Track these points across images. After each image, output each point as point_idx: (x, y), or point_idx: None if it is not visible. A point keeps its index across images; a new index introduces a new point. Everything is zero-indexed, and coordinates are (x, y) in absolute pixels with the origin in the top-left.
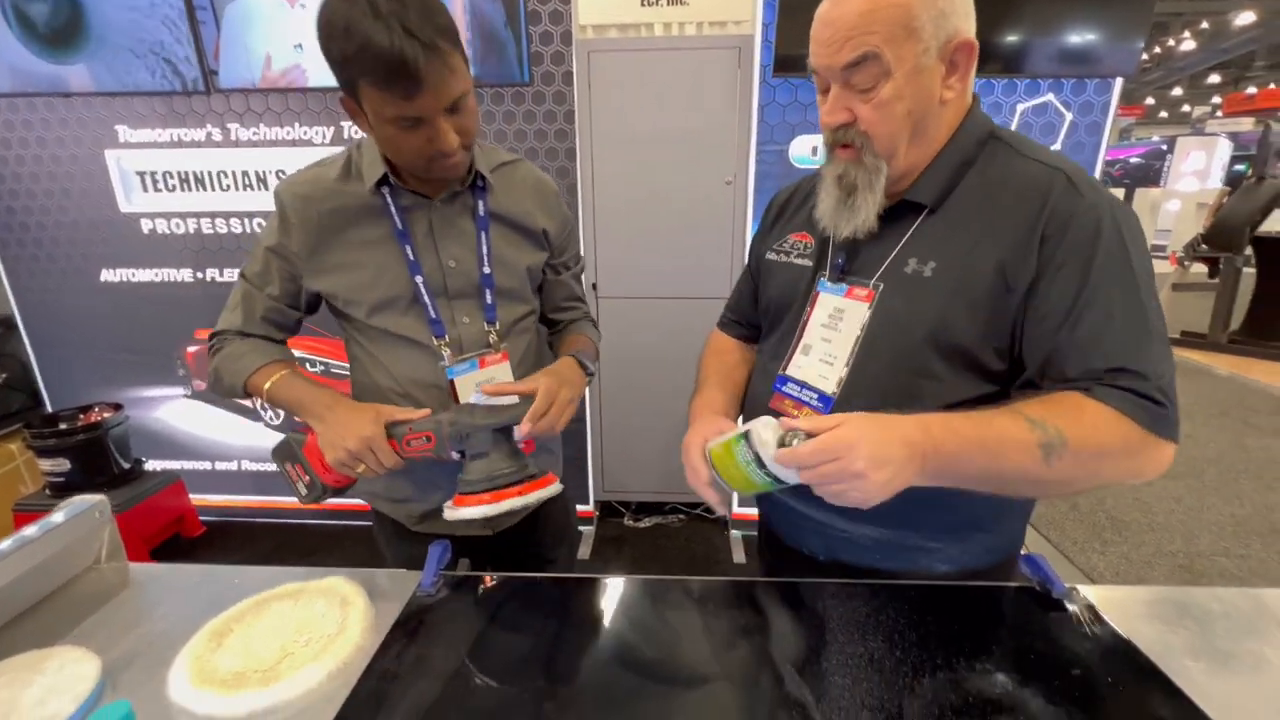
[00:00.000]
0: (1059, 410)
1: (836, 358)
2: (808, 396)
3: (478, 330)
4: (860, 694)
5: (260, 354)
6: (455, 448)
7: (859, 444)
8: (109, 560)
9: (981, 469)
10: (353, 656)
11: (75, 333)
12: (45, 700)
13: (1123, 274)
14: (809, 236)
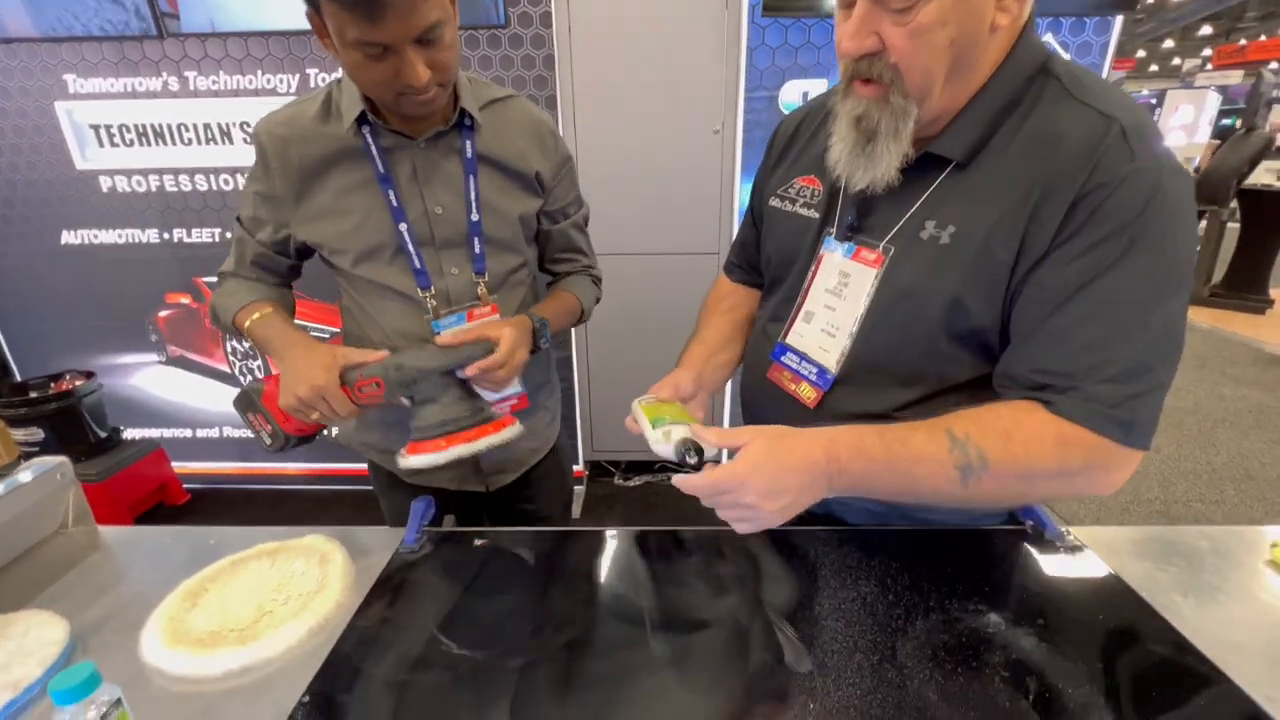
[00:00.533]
0: (991, 427)
1: (839, 329)
2: (807, 371)
3: (467, 282)
4: (854, 636)
5: (249, 293)
6: (404, 393)
7: (750, 479)
8: (76, 524)
9: (893, 488)
10: (334, 614)
11: (40, 299)
12: (9, 665)
13: (1153, 265)
14: (817, 182)
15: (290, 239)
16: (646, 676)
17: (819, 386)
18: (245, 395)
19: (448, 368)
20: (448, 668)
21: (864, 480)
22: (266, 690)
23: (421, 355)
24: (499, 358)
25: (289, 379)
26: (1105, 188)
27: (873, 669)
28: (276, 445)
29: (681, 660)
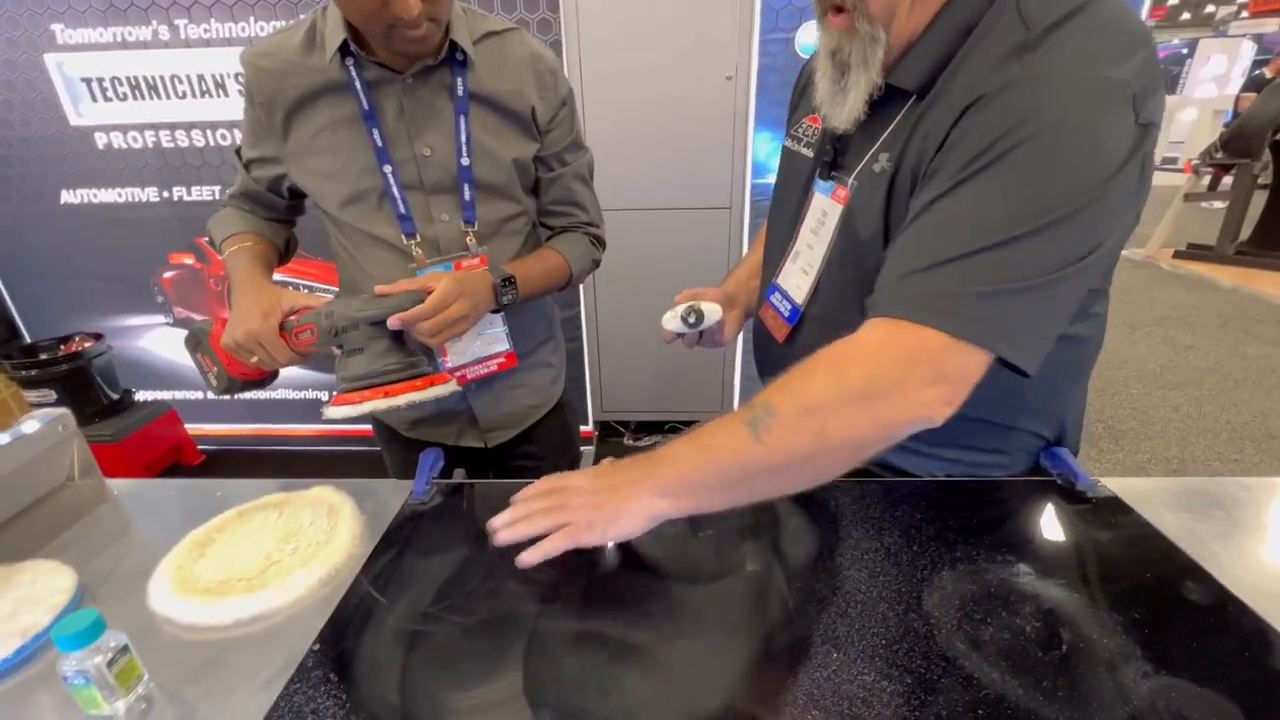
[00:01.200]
0: (780, 384)
1: (811, 266)
2: (784, 308)
3: (457, 229)
4: (877, 587)
5: (240, 222)
6: (334, 342)
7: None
8: (83, 476)
9: (697, 469)
10: (343, 564)
11: (44, 260)
12: (16, 613)
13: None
14: (819, 120)
15: (282, 179)
16: (664, 624)
17: (788, 321)
18: (193, 334)
19: (375, 318)
20: (459, 618)
21: (672, 462)
22: (277, 638)
23: (352, 304)
24: (421, 309)
25: (231, 321)
26: (981, 101)
27: (898, 619)
28: (221, 387)
29: (700, 609)
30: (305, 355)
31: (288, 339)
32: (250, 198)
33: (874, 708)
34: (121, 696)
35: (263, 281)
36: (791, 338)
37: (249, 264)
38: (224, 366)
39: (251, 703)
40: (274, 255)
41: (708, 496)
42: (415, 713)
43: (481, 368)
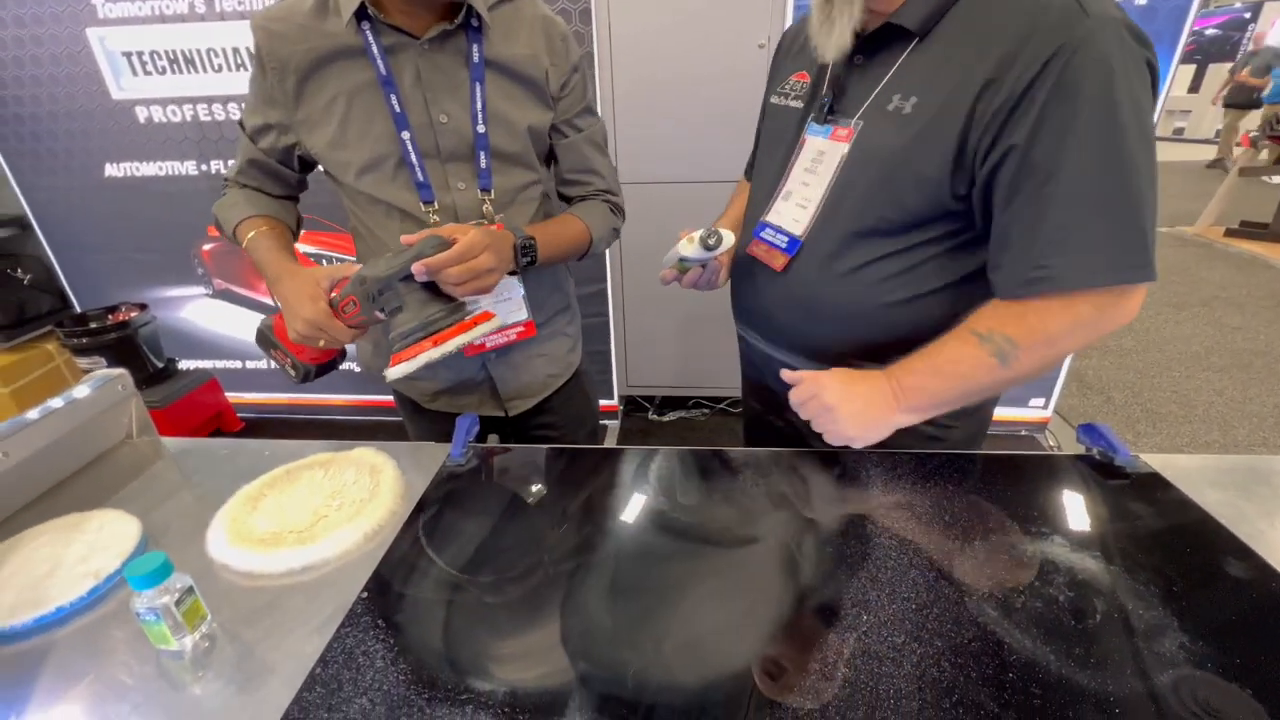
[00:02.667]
0: (1005, 315)
1: (810, 201)
2: (779, 240)
3: (474, 198)
4: (909, 554)
5: (248, 205)
6: (376, 308)
7: (826, 379)
8: (141, 434)
9: (946, 390)
10: (386, 520)
11: (90, 233)
12: (88, 557)
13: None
14: (806, 75)
15: (293, 148)
16: (695, 583)
17: (785, 252)
18: (261, 334)
19: (402, 271)
20: (498, 572)
21: (921, 392)
22: (327, 587)
23: (378, 265)
24: (448, 255)
25: (287, 314)
26: (1050, 49)
27: (929, 585)
28: (300, 376)
29: (730, 570)
30: (363, 328)
31: (339, 316)
32: (258, 169)
33: (903, 667)
34: (188, 633)
35: (295, 268)
36: (789, 266)
37: (273, 251)
38: (296, 356)
39: (306, 644)
40: (290, 236)
41: (946, 409)
42: (459, 657)
43: (500, 337)
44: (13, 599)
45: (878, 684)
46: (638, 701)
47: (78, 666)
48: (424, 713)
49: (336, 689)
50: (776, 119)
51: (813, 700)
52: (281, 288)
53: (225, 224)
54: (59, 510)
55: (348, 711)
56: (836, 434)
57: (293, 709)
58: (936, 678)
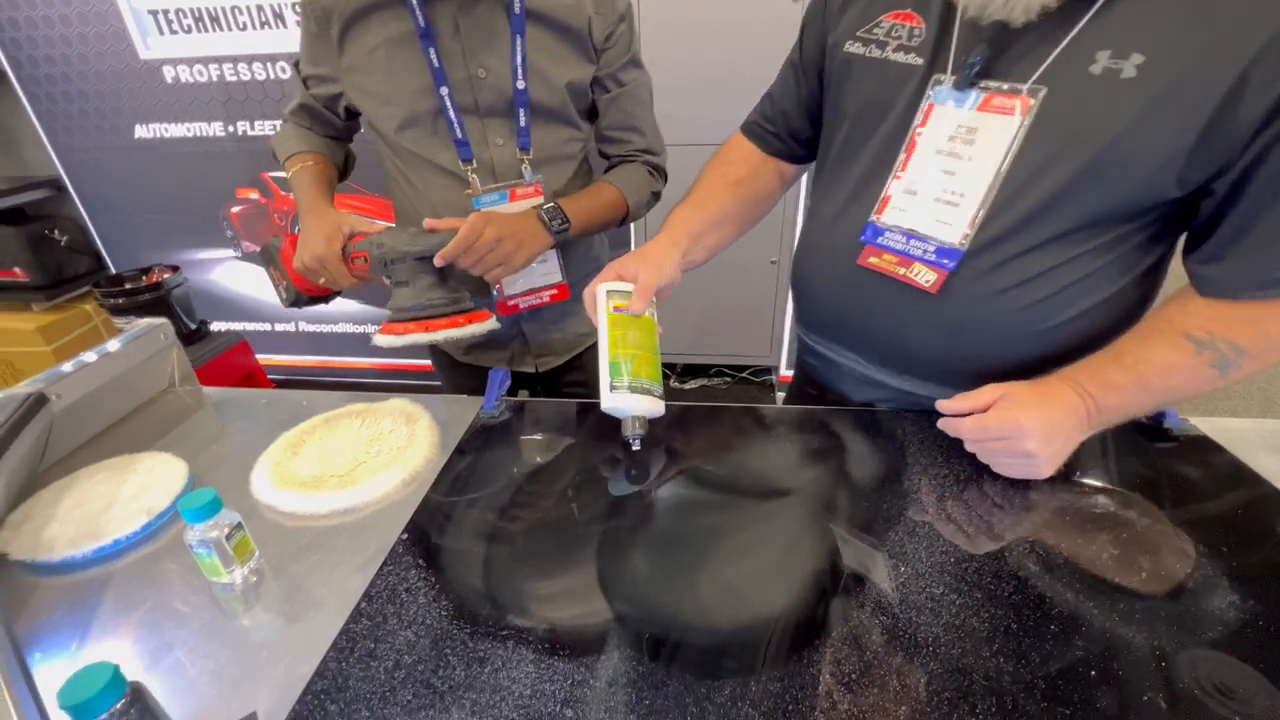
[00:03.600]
0: (1227, 318)
1: (966, 196)
2: (920, 250)
3: (512, 155)
4: (946, 509)
5: (299, 141)
6: (383, 273)
7: (1026, 423)
8: (183, 383)
9: (1150, 404)
10: (423, 467)
11: (122, 195)
12: (140, 495)
13: None
14: (917, 18)
15: (339, 97)
16: (730, 533)
17: (939, 267)
18: (266, 249)
19: (421, 253)
20: (534, 516)
21: (1120, 411)
22: (369, 528)
23: (400, 237)
24: (451, 247)
25: (301, 244)
26: None
27: (968, 539)
28: (289, 299)
29: (765, 521)
30: (363, 280)
31: (347, 264)
32: (308, 113)
33: (942, 617)
34: (238, 567)
35: (325, 205)
36: (945, 286)
37: (312, 186)
38: (292, 282)
39: (351, 580)
40: (334, 174)
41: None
42: (499, 595)
43: (534, 298)
44: (73, 531)
45: (915, 632)
46: (669, 641)
47: (136, 595)
48: (466, 645)
49: (382, 621)
50: (870, 76)
51: (850, 646)
52: (307, 218)
53: (279, 156)
54: (109, 453)
55: (394, 642)
56: (1022, 475)
57: (341, 638)
58: (976, 627)
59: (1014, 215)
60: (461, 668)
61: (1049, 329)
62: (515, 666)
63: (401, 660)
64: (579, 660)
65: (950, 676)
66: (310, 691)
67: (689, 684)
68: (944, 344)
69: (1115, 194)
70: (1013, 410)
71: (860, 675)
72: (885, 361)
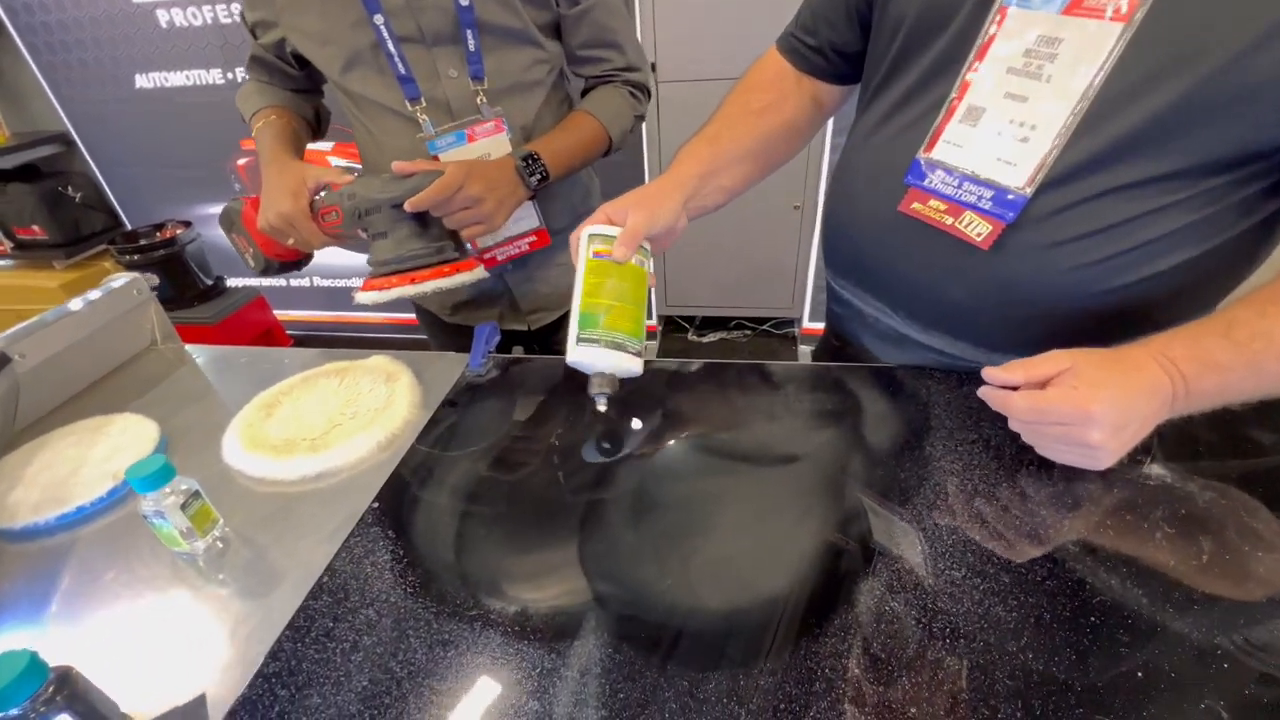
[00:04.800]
0: None
1: (1040, 126)
2: (973, 195)
3: (466, 88)
4: (973, 480)
5: (258, 97)
6: (359, 226)
7: (1096, 411)
8: (165, 341)
9: (1260, 393)
10: (401, 430)
11: (130, 149)
12: (111, 457)
13: None
14: None
15: (284, 43)
16: (730, 505)
17: (995, 217)
18: (226, 214)
19: (395, 200)
20: (515, 485)
21: (1216, 396)
22: (339, 495)
23: (372, 185)
24: (427, 195)
25: (264, 203)
26: None
27: (996, 514)
28: (259, 268)
29: (769, 492)
30: (338, 238)
31: (316, 221)
32: (262, 65)
33: (963, 604)
34: (199, 537)
35: (287, 158)
36: (1002, 240)
37: (273, 140)
38: (259, 247)
39: (317, 551)
40: (302, 128)
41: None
42: (471, 572)
43: (512, 248)
44: (38, 497)
45: (931, 620)
46: (657, 625)
47: (98, 564)
48: (430, 626)
49: (344, 598)
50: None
51: (856, 636)
52: (268, 174)
53: (245, 115)
54: (86, 414)
55: (354, 621)
56: (1074, 464)
57: (299, 616)
58: (1002, 616)
59: (1094, 150)
60: (423, 650)
61: (1116, 290)
62: (481, 651)
63: (360, 642)
64: (551, 646)
65: (971, 675)
66: (262, 674)
67: (669, 676)
68: (989, 303)
69: (1228, 130)
70: (1082, 392)
71: (866, 672)
72: (915, 315)
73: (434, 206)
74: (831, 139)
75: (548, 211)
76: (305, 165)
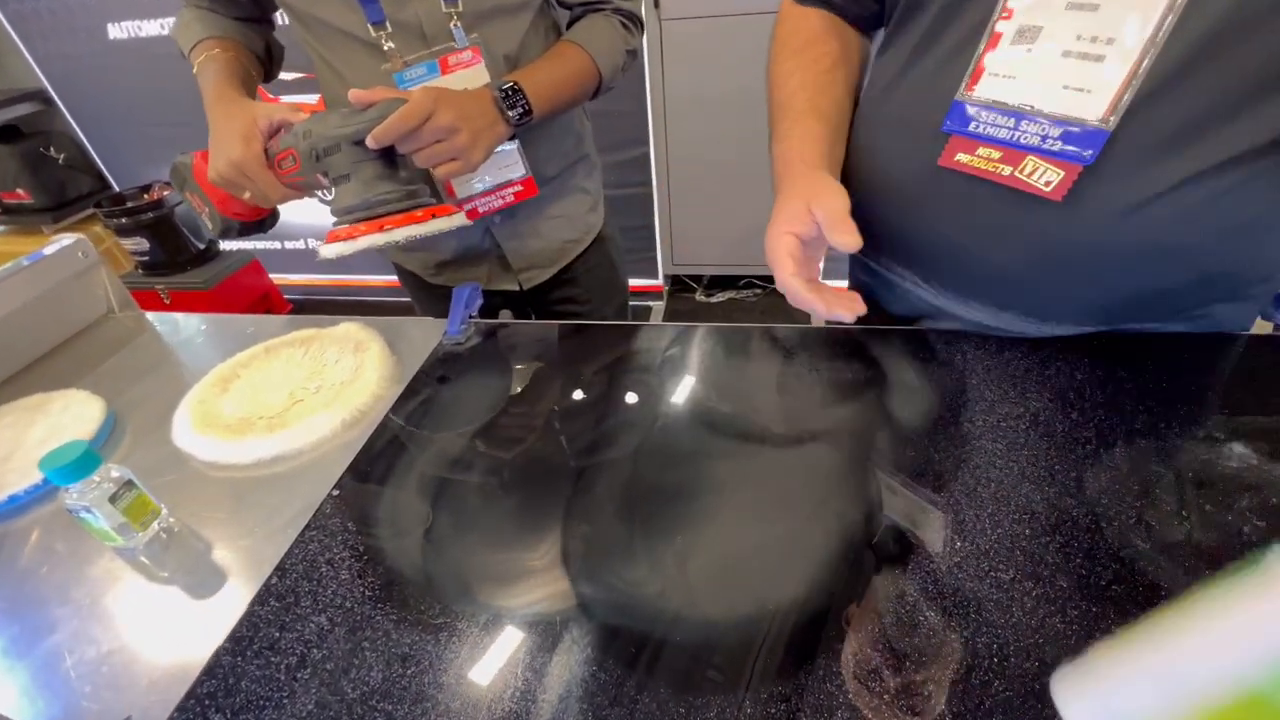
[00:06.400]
0: None
1: (1117, 41)
2: (1036, 136)
3: (438, 12)
4: (1019, 463)
5: (199, 27)
6: (318, 169)
7: None
8: (122, 309)
9: None
10: (368, 406)
11: (110, 105)
12: (47, 440)
13: None
14: None
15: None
16: (732, 493)
17: (1069, 160)
18: (176, 171)
19: (356, 135)
20: (492, 471)
21: None
22: (298, 480)
23: (329, 120)
24: (392, 123)
25: (212, 149)
26: None
27: (1049, 504)
28: (217, 229)
29: (779, 476)
30: (300, 190)
31: (274, 170)
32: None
33: (1012, 614)
34: (136, 531)
35: (234, 95)
36: (1076, 189)
37: (218, 77)
38: (215, 205)
39: (268, 547)
40: (252, 64)
41: None
42: (438, 573)
43: (495, 198)
44: None
45: (975, 635)
46: (648, 636)
47: (28, 562)
48: (389, 637)
49: (293, 603)
50: None
51: (884, 652)
52: (214, 119)
53: (184, 49)
54: (32, 390)
55: (303, 631)
56: None
57: (241, 625)
58: (1061, 630)
59: (1192, 75)
60: (380, 668)
61: (1205, 241)
62: (445, 669)
63: (309, 656)
64: (528, 662)
65: (1025, 703)
66: (194, 695)
67: (662, 699)
68: (1055, 267)
69: None
70: None
71: (896, 698)
72: (955, 285)
73: (400, 139)
74: None
75: (534, 158)
76: (256, 103)
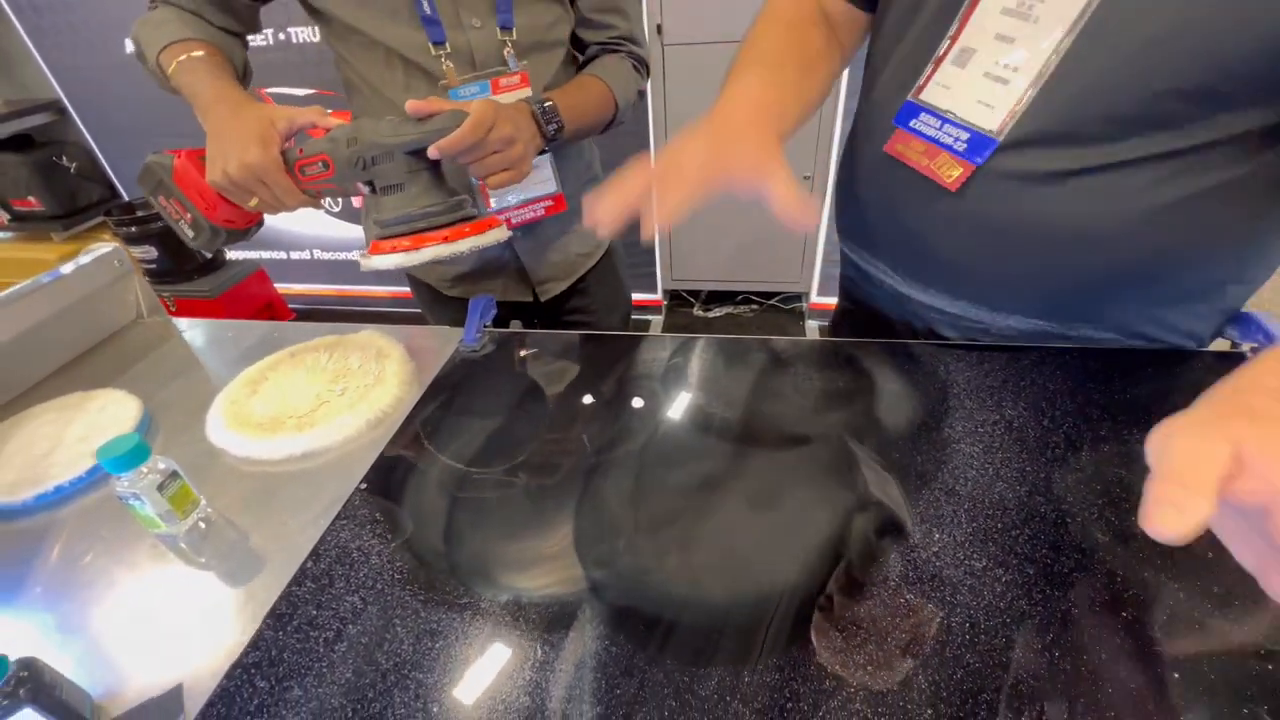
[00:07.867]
0: None
1: (1020, 70)
2: (950, 137)
3: (491, 39)
4: (994, 464)
5: (177, 26)
6: (361, 178)
7: None
8: (151, 314)
9: None
10: (391, 408)
11: (123, 116)
12: (88, 436)
13: None
14: None
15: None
16: (733, 490)
17: (966, 159)
18: (149, 172)
19: (416, 144)
20: (508, 468)
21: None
22: (326, 475)
23: (381, 128)
24: (462, 134)
25: (215, 150)
26: None
27: (1020, 501)
28: (202, 239)
29: (774, 475)
30: (318, 196)
31: (293, 174)
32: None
33: (983, 597)
34: (179, 519)
35: (240, 96)
36: (968, 183)
37: (213, 77)
38: (200, 212)
39: (301, 535)
40: (233, 71)
41: None
42: (461, 558)
43: (528, 211)
44: (14, 477)
45: (950, 614)
46: (656, 616)
47: (76, 547)
48: (419, 615)
49: (328, 584)
50: None
51: (869, 630)
52: (217, 114)
53: (148, 47)
54: (68, 390)
55: (338, 609)
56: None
57: (280, 603)
58: (1026, 611)
59: (1073, 92)
60: (410, 641)
61: (1108, 237)
62: (471, 643)
63: (344, 631)
64: (544, 637)
65: (992, 673)
66: (241, 664)
67: (669, 671)
68: (963, 249)
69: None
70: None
71: (879, 669)
72: (911, 272)
73: (467, 150)
74: (844, 103)
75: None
76: (272, 105)
